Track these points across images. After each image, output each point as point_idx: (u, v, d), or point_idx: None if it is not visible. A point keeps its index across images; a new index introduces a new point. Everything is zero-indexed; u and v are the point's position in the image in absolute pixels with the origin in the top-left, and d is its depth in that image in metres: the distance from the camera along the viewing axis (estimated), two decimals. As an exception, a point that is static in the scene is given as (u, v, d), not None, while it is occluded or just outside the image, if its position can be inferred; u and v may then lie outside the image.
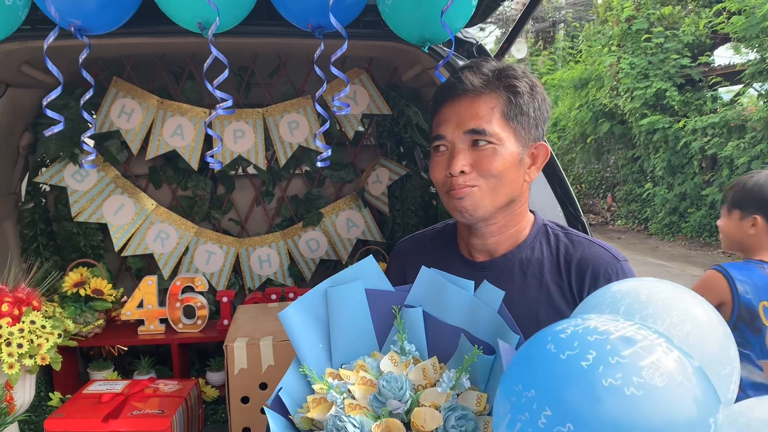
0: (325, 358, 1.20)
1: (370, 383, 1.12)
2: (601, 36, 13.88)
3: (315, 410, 1.10)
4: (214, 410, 2.33)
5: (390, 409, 1.07)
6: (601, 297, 0.98)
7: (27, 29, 1.78)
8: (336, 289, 1.21)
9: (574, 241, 1.39)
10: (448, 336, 1.19)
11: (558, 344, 0.80)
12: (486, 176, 1.29)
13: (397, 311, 1.21)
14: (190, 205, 2.90)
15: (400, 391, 1.08)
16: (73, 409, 1.77)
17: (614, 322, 0.80)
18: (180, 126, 2.73)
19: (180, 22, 1.43)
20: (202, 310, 2.49)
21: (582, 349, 0.76)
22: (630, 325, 0.79)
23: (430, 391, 1.11)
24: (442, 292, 1.21)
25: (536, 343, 0.85)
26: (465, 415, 1.06)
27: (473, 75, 1.32)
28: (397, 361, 1.16)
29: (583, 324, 0.81)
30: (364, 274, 1.22)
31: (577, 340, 0.78)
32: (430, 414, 1.06)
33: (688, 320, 0.87)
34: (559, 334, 0.81)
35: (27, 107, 2.52)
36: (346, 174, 2.97)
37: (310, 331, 1.20)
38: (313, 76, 2.73)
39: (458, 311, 1.19)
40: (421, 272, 1.23)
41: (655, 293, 0.92)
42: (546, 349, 0.80)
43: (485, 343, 1.16)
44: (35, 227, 2.70)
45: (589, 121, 13.90)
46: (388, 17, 1.58)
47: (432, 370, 1.15)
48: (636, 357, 0.74)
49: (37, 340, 1.74)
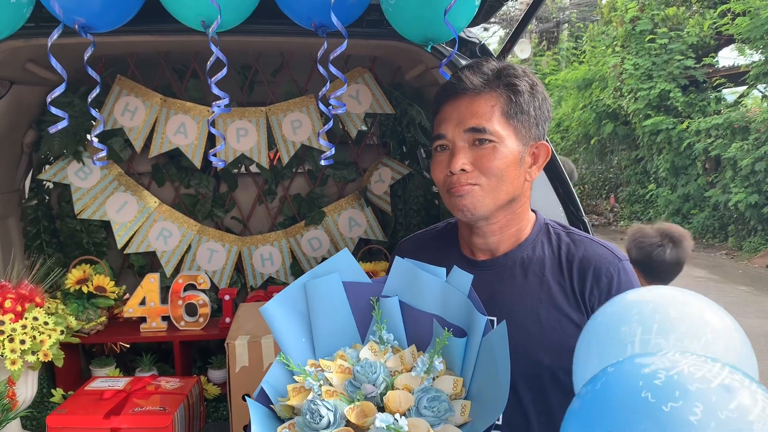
0: (309, 351, 1.23)
1: (347, 371, 1.15)
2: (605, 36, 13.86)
3: (295, 398, 1.13)
4: (215, 408, 2.33)
5: (364, 393, 1.10)
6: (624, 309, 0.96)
7: (31, 27, 1.78)
8: (314, 283, 1.23)
9: (576, 240, 1.39)
10: (424, 323, 1.22)
11: (655, 393, 0.73)
12: (487, 174, 1.29)
13: (374, 302, 1.24)
14: (193, 203, 2.91)
15: (373, 375, 1.11)
16: (75, 405, 1.77)
17: (705, 365, 0.75)
18: (183, 124, 2.74)
19: (183, 20, 1.44)
20: (204, 308, 2.49)
21: (686, 400, 0.71)
22: (721, 368, 0.75)
23: (404, 376, 1.14)
24: (417, 280, 1.23)
25: (624, 386, 0.77)
26: (438, 397, 1.08)
27: (473, 74, 1.32)
28: (377, 350, 1.19)
29: (674, 367, 0.75)
30: (341, 266, 1.25)
31: (678, 390, 0.72)
32: (404, 396, 1.08)
33: (720, 336, 0.86)
34: (652, 379, 0.75)
35: (31, 104, 2.53)
36: (349, 173, 2.97)
37: (293, 324, 1.23)
38: (316, 75, 2.73)
39: (432, 298, 1.22)
40: (395, 262, 1.26)
41: (683, 309, 0.90)
42: (641, 396, 0.74)
43: (457, 327, 1.18)
44: (38, 224, 2.71)
45: (593, 121, 13.90)
46: (391, 16, 1.58)
47: (410, 358, 1.17)
48: (743, 410, 0.70)
49: (40, 336, 1.75)
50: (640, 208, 13.44)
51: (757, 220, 10.07)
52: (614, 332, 0.93)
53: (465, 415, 1.09)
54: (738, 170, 10.14)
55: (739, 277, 8.82)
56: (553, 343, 1.32)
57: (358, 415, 1.06)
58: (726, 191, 10.55)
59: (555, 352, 1.32)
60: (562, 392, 1.33)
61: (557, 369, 1.32)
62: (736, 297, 7.58)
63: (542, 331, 1.32)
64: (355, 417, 1.06)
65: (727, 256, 10.29)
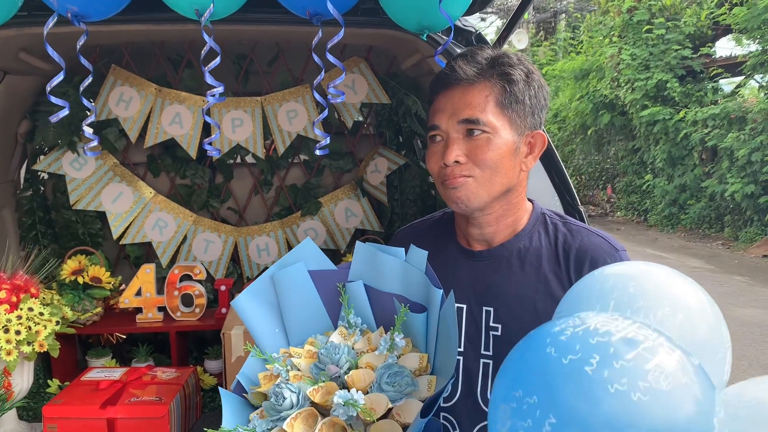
0: (283, 340, 1.25)
1: (314, 355, 1.18)
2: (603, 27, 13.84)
3: (266, 385, 1.15)
4: (212, 398, 2.33)
5: (329, 374, 1.12)
6: (589, 285, 0.97)
7: (24, 15, 1.77)
8: (280, 273, 1.25)
9: (573, 231, 1.39)
10: (389, 304, 1.24)
11: (559, 347, 0.77)
12: (481, 166, 1.29)
13: (341, 288, 1.25)
14: (189, 194, 2.90)
15: (336, 356, 1.13)
16: (71, 395, 1.77)
17: (614, 322, 0.78)
18: (178, 114, 2.72)
19: (177, 8, 1.42)
20: (200, 299, 2.49)
21: (584, 353, 0.74)
22: (630, 324, 0.78)
23: (369, 355, 1.16)
24: (378, 263, 1.25)
25: (534, 346, 0.82)
26: (400, 372, 1.10)
27: (466, 64, 1.31)
28: (346, 334, 1.21)
29: (582, 325, 0.79)
30: (305, 256, 1.27)
31: (579, 343, 0.76)
32: (366, 374, 1.11)
33: (679, 309, 0.86)
34: (559, 336, 0.79)
35: (25, 94, 2.51)
36: (345, 163, 2.97)
37: (265, 316, 1.25)
38: (312, 65, 2.72)
39: (394, 279, 1.24)
40: (356, 247, 1.28)
41: (643, 283, 0.90)
42: (546, 352, 0.78)
43: (416, 303, 1.20)
44: (34, 215, 2.70)
45: (590, 112, 13.89)
46: (386, 4, 1.57)
47: (377, 339, 1.20)
48: (640, 360, 0.72)
49: (35, 327, 1.75)
50: (637, 199, 13.46)
51: (753, 210, 10.09)
52: (574, 310, 0.94)
53: (431, 389, 1.10)
54: (734, 160, 10.15)
55: (735, 267, 8.85)
56: (549, 333, 1.33)
57: (322, 396, 1.08)
58: (722, 181, 10.57)
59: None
60: (557, 381, 1.34)
61: (553, 359, 1.32)
62: (732, 287, 7.61)
63: (538, 322, 1.31)
64: (320, 398, 1.08)
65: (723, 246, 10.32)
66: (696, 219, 11.44)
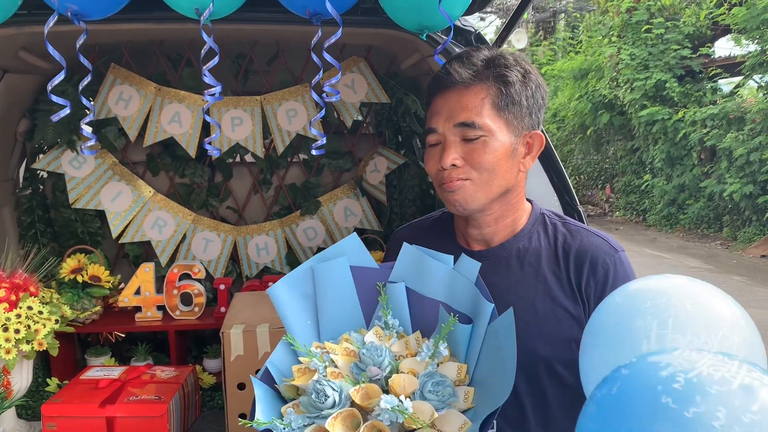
0: (314, 333, 1.23)
1: (352, 353, 1.16)
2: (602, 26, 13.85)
3: (299, 379, 1.13)
4: (211, 397, 2.33)
5: (369, 376, 1.10)
6: (637, 301, 0.92)
7: (24, 14, 1.77)
8: (322, 266, 1.23)
9: (572, 231, 1.39)
10: (430, 310, 1.22)
11: (676, 397, 0.71)
12: (478, 169, 1.29)
13: (381, 287, 1.24)
14: (188, 193, 2.90)
15: (379, 358, 1.11)
16: (70, 394, 1.77)
17: (724, 365, 0.73)
18: (178, 113, 2.72)
19: (177, 7, 1.43)
20: (200, 298, 2.49)
21: (708, 405, 0.69)
22: (738, 366, 0.73)
23: (409, 360, 1.14)
24: (424, 267, 1.24)
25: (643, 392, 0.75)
26: (442, 382, 1.09)
27: (462, 66, 1.31)
28: (381, 335, 1.19)
29: (693, 370, 0.73)
30: (349, 250, 1.25)
31: (698, 394, 0.70)
32: (408, 380, 1.09)
33: (735, 330, 0.84)
34: (671, 383, 0.73)
35: (24, 93, 2.51)
36: (344, 163, 2.97)
37: (299, 307, 1.23)
38: (312, 64, 2.71)
39: (439, 285, 1.23)
40: (403, 249, 1.27)
41: (699, 301, 0.87)
42: (662, 402, 0.71)
43: (462, 314, 1.19)
44: (33, 213, 2.69)
45: (589, 112, 13.89)
46: (385, 4, 1.57)
47: (414, 343, 1.18)
48: (765, 412, 0.68)
49: (35, 325, 1.75)
50: (636, 199, 13.47)
51: (751, 210, 10.10)
52: (626, 326, 0.90)
53: (468, 401, 1.10)
54: (733, 160, 10.16)
55: (733, 267, 8.86)
56: (549, 334, 1.33)
57: (362, 397, 1.07)
58: (721, 181, 10.58)
59: (551, 343, 1.32)
60: (557, 382, 1.34)
61: (553, 359, 1.32)
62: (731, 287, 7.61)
63: (538, 322, 1.33)
64: (360, 398, 1.07)
65: (722, 246, 10.33)
66: (695, 219, 11.44)
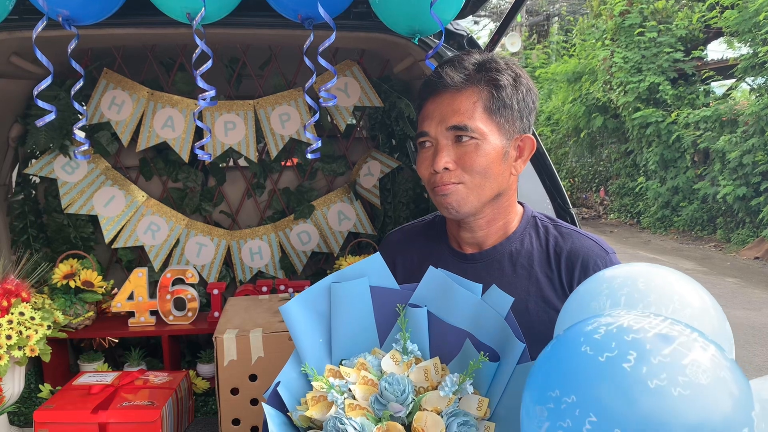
0: (325, 352, 1.19)
1: (371, 383, 1.10)
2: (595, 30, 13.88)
3: (314, 408, 1.08)
4: (204, 402, 2.33)
5: (391, 412, 1.06)
6: (596, 285, 0.97)
7: (15, 19, 1.77)
8: (341, 285, 1.19)
9: (564, 233, 1.39)
10: (451, 338, 1.18)
11: (593, 346, 0.76)
12: (470, 172, 1.29)
13: (401, 310, 1.20)
14: (181, 197, 2.89)
15: (402, 394, 1.06)
16: (62, 400, 1.77)
17: (646, 319, 0.78)
18: (170, 118, 2.72)
19: (168, 12, 1.42)
20: (193, 303, 2.49)
21: (621, 350, 0.74)
22: (662, 320, 0.77)
23: (432, 395, 1.09)
24: (449, 293, 1.19)
25: (567, 345, 0.81)
26: (467, 422, 1.05)
27: (453, 70, 1.31)
28: (399, 360, 1.15)
29: (615, 323, 0.78)
30: (370, 271, 1.21)
31: (614, 341, 0.75)
32: (432, 419, 1.05)
33: (687, 305, 0.87)
34: (592, 334, 0.78)
35: (16, 98, 2.51)
36: (338, 167, 2.97)
37: (311, 325, 1.19)
38: (305, 68, 2.72)
39: (464, 313, 1.18)
40: (428, 272, 1.22)
41: (652, 280, 0.92)
42: (581, 351, 0.77)
43: (490, 349, 1.14)
44: (25, 219, 2.69)
45: (583, 115, 13.92)
46: (377, 8, 1.57)
47: (434, 372, 1.13)
48: (677, 355, 0.72)
49: (27, 331, 1.74)
50: (630, 201, 13.49)
51: (745, 212, 10.13)
52: (585, 308, 0.94)
53: None
54: (726, 163, 10.19)
55: (727, 269, 8.88)
56: (542, 335, 1.32)
57: None
58: (714, 184, 10.61)
59: (543, 344, 1.32)
60: (549, 383, 1.34)
61: (545, 360, 1.32)
62: (724, 289, 7.63)
63: (530, 324, 1.33)
64: None
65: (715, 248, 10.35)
66: (688, 221, 11.47)
